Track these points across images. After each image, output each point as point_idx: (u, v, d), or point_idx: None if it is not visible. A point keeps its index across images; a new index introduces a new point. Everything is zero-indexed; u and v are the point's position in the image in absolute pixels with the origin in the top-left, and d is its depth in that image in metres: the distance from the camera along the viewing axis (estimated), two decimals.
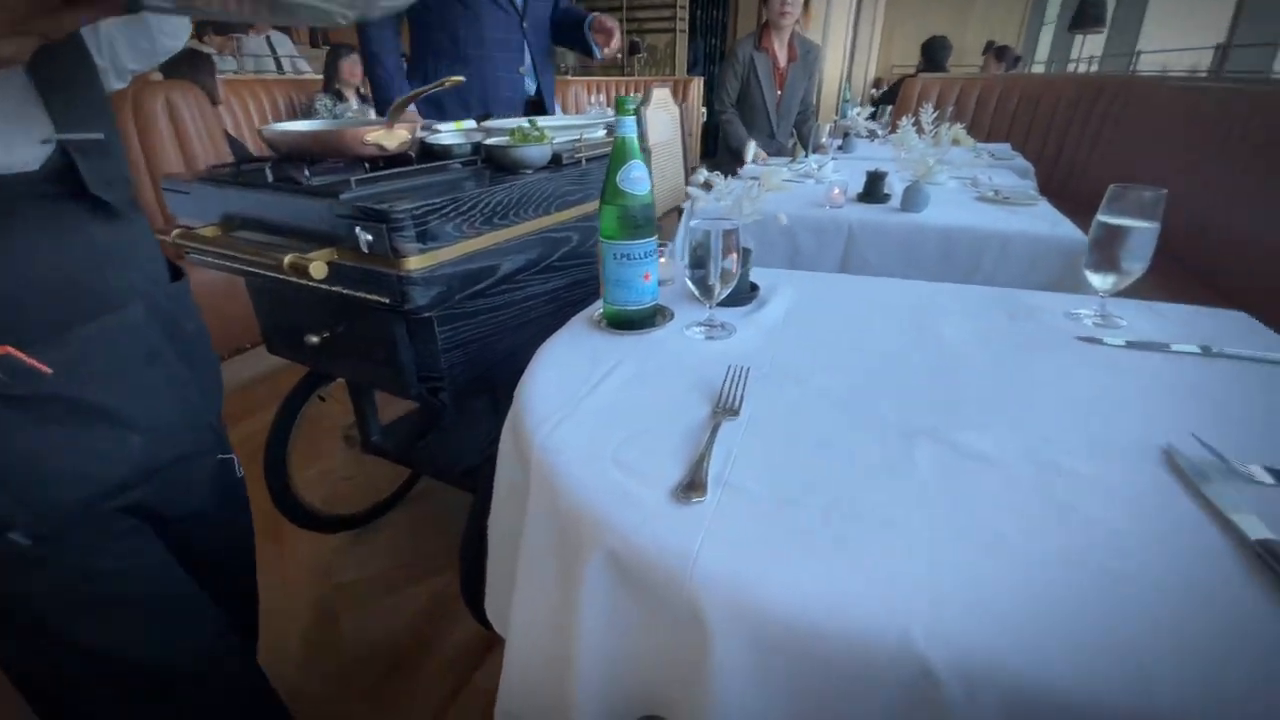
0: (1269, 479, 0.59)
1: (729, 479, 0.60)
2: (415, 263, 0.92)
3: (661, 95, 3.98)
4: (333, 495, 1.80)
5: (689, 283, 0.91)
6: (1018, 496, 0.57)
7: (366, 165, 1.10)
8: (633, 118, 0.84)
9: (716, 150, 3.34)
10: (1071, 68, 6.84)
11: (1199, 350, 0.85)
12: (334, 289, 0.99)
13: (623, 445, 0.65)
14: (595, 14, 2.03)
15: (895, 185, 1.83)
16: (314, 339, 1.12)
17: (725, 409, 0.72)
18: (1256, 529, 0.52)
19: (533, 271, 1.20)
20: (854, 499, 0.57)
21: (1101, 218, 0.86)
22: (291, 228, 1.00)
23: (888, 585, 0.48)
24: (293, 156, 1.10)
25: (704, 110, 6.60)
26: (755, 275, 1.16)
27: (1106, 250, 0.86)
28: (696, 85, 6.17)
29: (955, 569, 0.49)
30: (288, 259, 0.88)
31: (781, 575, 0.49)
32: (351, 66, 3.83)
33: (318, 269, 0.88)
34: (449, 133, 1.33)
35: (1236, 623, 0.45)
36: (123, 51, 0.73)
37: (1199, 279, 2.14)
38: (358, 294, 0.97)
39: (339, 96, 3.84)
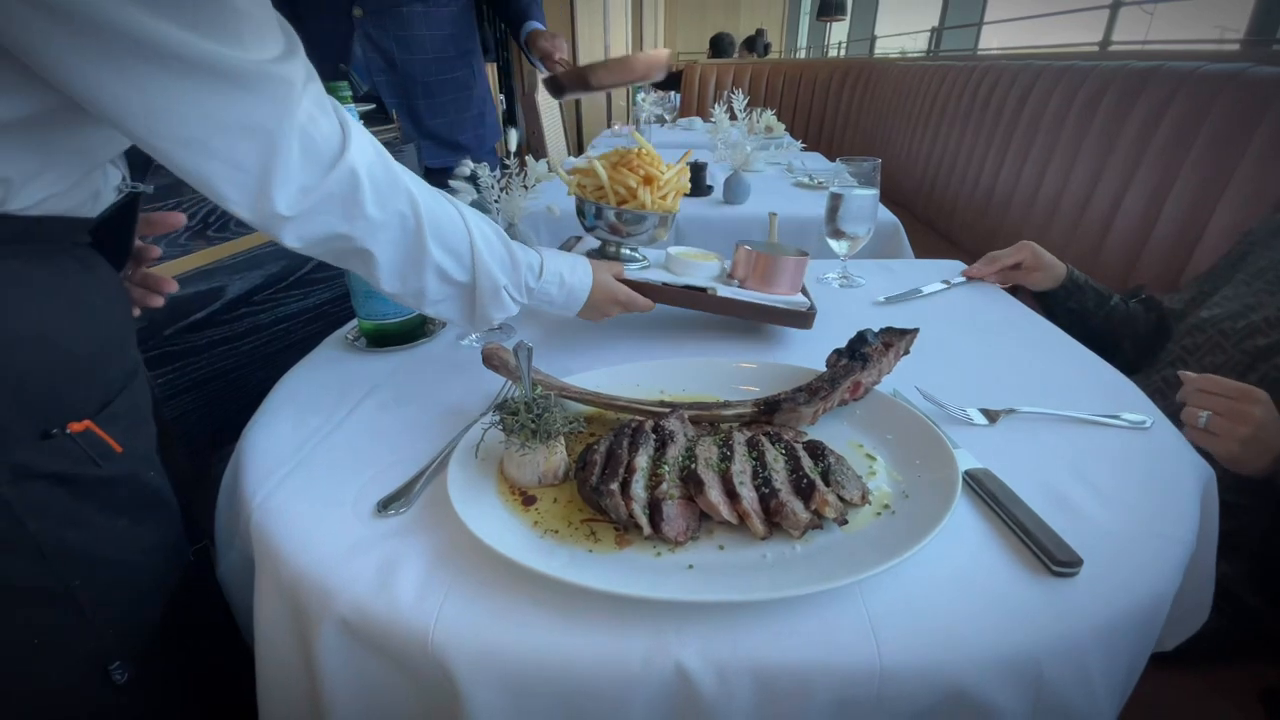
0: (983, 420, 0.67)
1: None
2: None
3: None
4: None
5: None
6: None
7: None
8: (351, 105, 0.74)
9: None
10: (831, 53, 7.68)
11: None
12: None
13: (369, 485, 0.57)
14: (535, 26, 1.65)
15: (716, 174, 1.84)
16: None
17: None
18: (967, 461, 0.59)
19: (280, 288, 1.03)
20: None
21: (831, 189, 0.93)
22: None
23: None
24: None
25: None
26: None
27: (839, 217, 0.93)
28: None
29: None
30: None
31: (523, 614, 0.44)
32: None
33: None
34: None
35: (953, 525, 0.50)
36: None
37: (934, 230, 2.50)
38: None
39: None
